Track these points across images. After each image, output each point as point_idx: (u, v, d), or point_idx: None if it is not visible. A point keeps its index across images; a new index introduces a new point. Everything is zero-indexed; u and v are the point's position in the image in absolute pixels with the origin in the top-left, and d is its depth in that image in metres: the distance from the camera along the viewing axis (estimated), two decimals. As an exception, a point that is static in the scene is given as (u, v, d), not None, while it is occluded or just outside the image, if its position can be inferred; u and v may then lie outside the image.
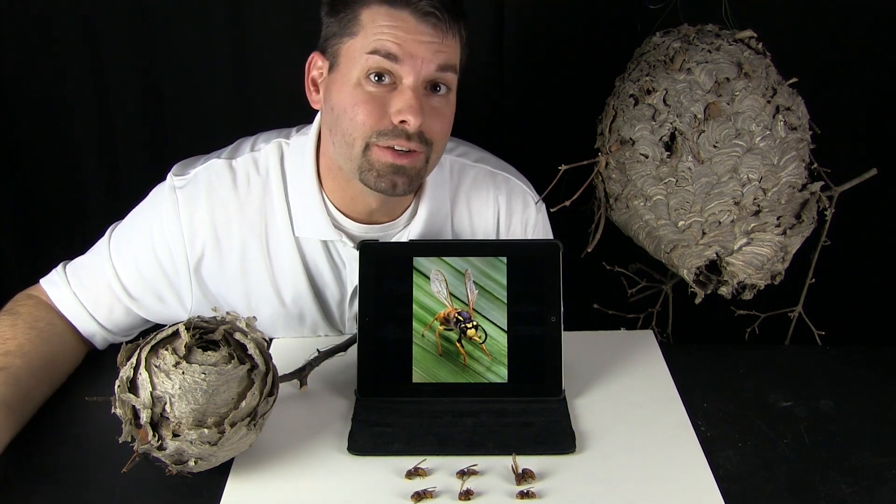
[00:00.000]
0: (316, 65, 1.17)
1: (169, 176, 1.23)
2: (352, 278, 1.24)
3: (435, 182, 1.25)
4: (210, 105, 1.64)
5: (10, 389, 1.07)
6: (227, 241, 1.22)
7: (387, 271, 1.15)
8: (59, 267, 1.27)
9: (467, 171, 1.30)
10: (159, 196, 1.23)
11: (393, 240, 1.24)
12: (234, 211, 1.22)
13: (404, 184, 1.13)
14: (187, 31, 1.59)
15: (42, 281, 1.26)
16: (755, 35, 1.35)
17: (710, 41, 1.32)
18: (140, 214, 1.25)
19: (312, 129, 1.22)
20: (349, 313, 1.29)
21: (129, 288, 1.23)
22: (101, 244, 1.26)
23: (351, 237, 1.22)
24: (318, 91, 1.18)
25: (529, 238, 1.32)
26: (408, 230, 1.24)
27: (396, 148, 1.11)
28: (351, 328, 1.30)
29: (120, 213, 1.28)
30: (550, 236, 1.37)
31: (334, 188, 1.21)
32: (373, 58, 1.09)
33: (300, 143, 1.23)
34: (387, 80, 1.10)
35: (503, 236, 1.31)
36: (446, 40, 1.10)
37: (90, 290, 1.23)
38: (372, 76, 1.09)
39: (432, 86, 1.12)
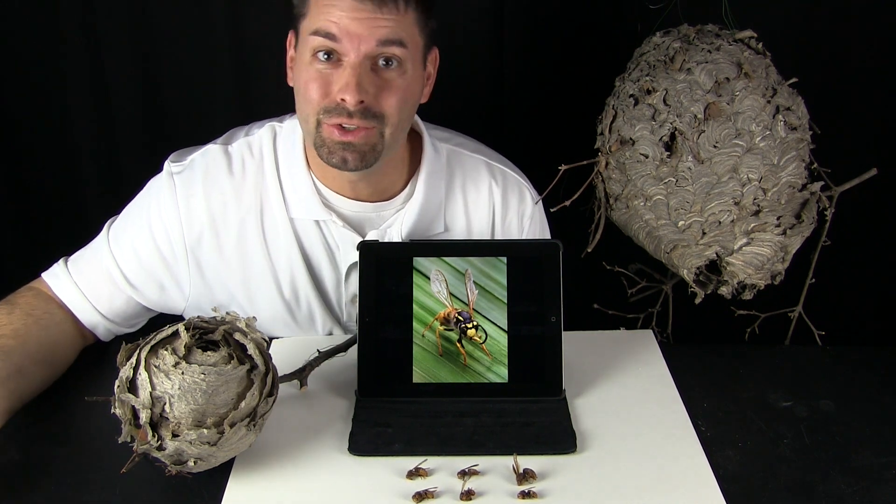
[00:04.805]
0: (291, 43, 1.20)
1: (166, 163, 1.25)
2: (346, 259, 1.25)
3: (431, 167, 1.26)
4: (210, 104, 1.64)
5: None
6: (224, 224, 1.23)
7: (387, 271, 1.15)
8: (61, 261, 1.28)
9: (464, 160, 1.31)
10: (157, 183, 1.25)
11: (386, 223, 1.25)
12: (231, 195, 1.23)
13: (355, 159, 1.15)
14: (188, 31, 1.59)
15: (44, 274, 1.27)
16: (755, 35, 1.35)
17: (710, 41, 1.32)
18: (138, 202, 1.27)
19: None
20: (345, 296, 1.29)
21: (128, 276, 1.24)
22: (101, 234, 1.27)
23: (342, 216, 1.24)
24: (292, 70, 1.20)
25: (526, 231, 1.33)
26: (402, 212, 1.26)
27: (344, 125, 1.13)
28: (349, 314, 1.31)
29: (120, 212, 1.28)
30: (547, 230, 1.37)
31: (321, 168, 1.23)
32: (315, 38, 1.11)
33: (292, 126, 1.26)
34: (334, 57, 1.12)
35: (499, 228, 1.32)
36: (387, 14, 1.10)
37: (91, 280, 1.24)
38: (319, 55, 1.12)
39: (384, 60, 1.13)
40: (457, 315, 1.14)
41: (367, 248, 1.15)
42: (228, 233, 1.23)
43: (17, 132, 1.65)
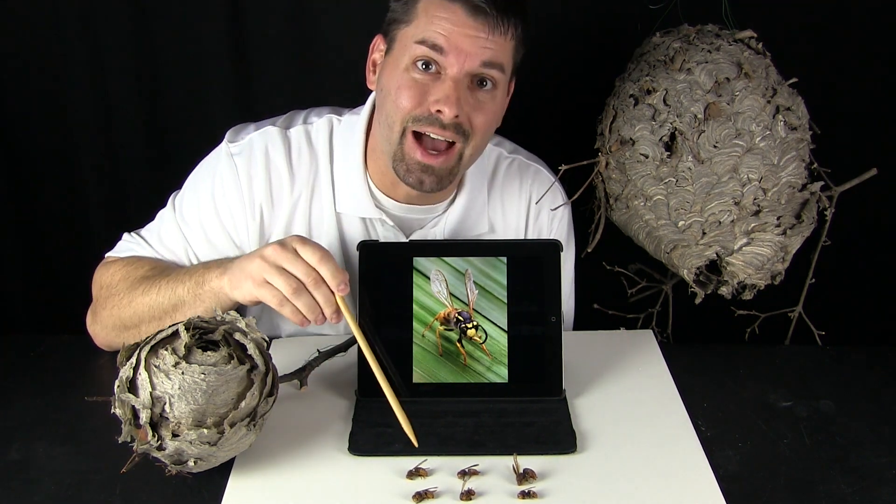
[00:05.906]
0: (378, 47, 1.21)
1: (223, 142, 1.27)
2: None
3: (476, 168, 1.28)
4: (210, 104, 1.63)
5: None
6: (279, 206, 1.25)
7: (387, 271, 1.15)
8: (126, 235, 1.30)
9: (503, 161, 1.34)
10: (216, 163, 1.26)
11: (430, 223, 1.27)
12: (286, 179, 1.25)
13: (432, 182, 1.18)
14: (188, 31, 1.59)
15: (115, 250, 1.29)
16: (755, 35, 1.35)
17: (710, 41, 1.32)
18: (200, 183, 1.28)
19: (365, 108, 1.26)
20: None
21: (199, 253, 1.26)
22: (167, 215, 1.29)
23: (391, 216, 1.26)
24: (374, 73, 1.21)
25: (555, 230, 1.36)
26: (446, 216, 1.28)
27: (432, 136, 1.15)
28: None
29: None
30: (573, 230, 1.38)
31: (377, 170, 1.24)
32: (420, 47, 1.12)
33: (351, 122, 1.27)
34: (433, 68, 1.13)
35: (531, 226, 1.34)
36: (494, 37, 1.12)
37: (173, 252, 1.27)
38: (419, 63, 1.13)
39: (479, 80, 1.15)
40: (457, 315, 1.14)
41: (367, 248, 1.15)
42: (281, 215, 1.25)
43: (17, 133, 1.65)
